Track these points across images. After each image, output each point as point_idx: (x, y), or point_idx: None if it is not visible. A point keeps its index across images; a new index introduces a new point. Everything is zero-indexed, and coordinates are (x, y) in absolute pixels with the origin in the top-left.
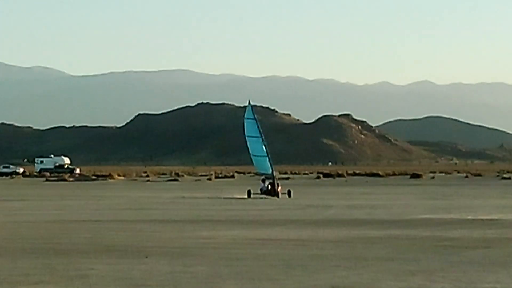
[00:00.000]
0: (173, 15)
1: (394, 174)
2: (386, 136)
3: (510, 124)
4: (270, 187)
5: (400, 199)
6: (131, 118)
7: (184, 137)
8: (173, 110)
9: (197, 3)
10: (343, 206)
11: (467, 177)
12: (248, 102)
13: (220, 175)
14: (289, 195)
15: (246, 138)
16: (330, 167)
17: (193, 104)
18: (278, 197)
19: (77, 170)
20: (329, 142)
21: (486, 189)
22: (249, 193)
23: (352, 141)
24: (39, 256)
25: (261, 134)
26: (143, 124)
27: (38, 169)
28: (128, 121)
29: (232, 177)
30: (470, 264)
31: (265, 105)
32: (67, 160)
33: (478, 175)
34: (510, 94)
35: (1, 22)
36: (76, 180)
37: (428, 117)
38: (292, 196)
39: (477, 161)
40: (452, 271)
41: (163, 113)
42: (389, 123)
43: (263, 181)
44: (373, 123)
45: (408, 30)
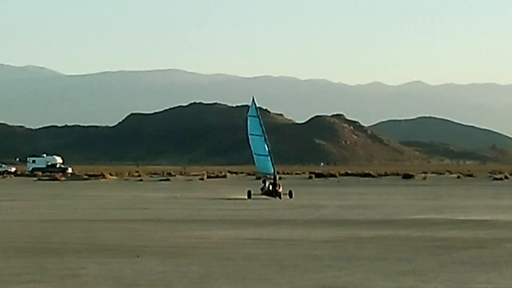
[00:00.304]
0: (166, 15)
1: (386, 174)
2: (378, 136)
3: (502, 125)
4: (271, 187)
5: (392, 199)
6: (123, 118)
7: (177, 137)
8: (166, 110)
9: (190, 3)
10: (335, 206)
11: (459, 177)
12: (252, 99)
13: (212, 175)
14: (291, 195)
15: (248, 136)
16: (322, 167)
17: (185, 104)
18: (280, 197)
19: (69, 170)
20: (321, 142)
21: (478, 189)
22: (249, 193)
23: (345, 141)
24: (31, 256)
25: (264, 133)
26: (135, 124)
27: (30, 169)
28: (120, 120)
29: (224, 176)
30: (462, 264)
31: (257, 105)
32: (59, 160)
33: (470, 175)
34: (502, 94)
35: None
36: (68, 179)
37: (420, 118)
38: (294, 196)
39: (469, 162)
40: (444, 272)
41: (156, 113)
42: (381, 123)
43: (264, 181)
44: (365, 123)
45: (401, 30)
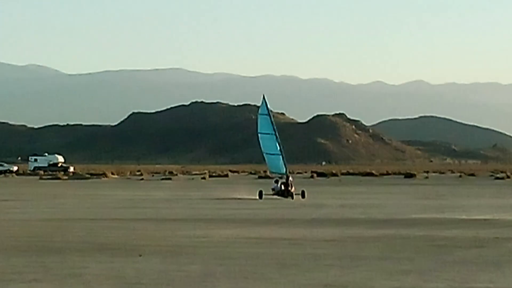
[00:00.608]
0: (167, 14)
1: (388, 173)
2: (380, 135)
3: (504, 124)
4: (283, 187)
5: (394, 198)
6: (125, 117)
7: (178, 136)
8: (167, 109)
9: (192, 2)
10: (337, 205)
11: (460, 177)
12: (263, 97)
13: (214, 174)
14: (303, 195)
15: (258, 135)
16: (324, 167)
17: (187, 103)
18: (292, 198)
19: (71, 169)
20: (323, 141)
21: (480, 189)
22: (260, 194)
23: (346, 141)
24: (33, 255)
25: (275, 131)
26: (137, 123)
27: (32, 168)
28: (122, 119)
29: (226, 176)
30: (464, 263)
31: (259, 104)
32: (61, 159)
33: (471, 175)
34: (504, 94)
35: None
36: (70, 178)
37: (422, 117)
38: (306, 197)
39: (470, 161)
40: (446, 271)
41: (157, 112)
42: (383, 122)
43: (276, 181)
44: (367, 122)
45: (403, 29)
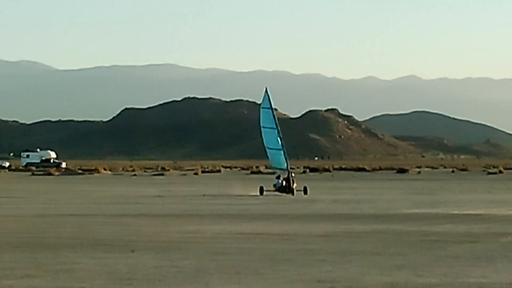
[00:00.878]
0: (160, 10)
1: (380, 169)
2: (373, 131)
3: (496, 119)
4: (284, 183)
5: (386, 193)
6: (117, 113)
7: (171, 132)
8: (160, 105)
9: None
10: (329, 200)
11: (453, 172)
12: (265, 90)
13: (206, 170)
14: (305, 192)
15: (261, 129)
16: (316, 162)
17: (179, 99)
18: (293, 194)
19: (63, 164)
20: (315, 136)
21: (472, 184)
22: (261, 190)
23: (339, 136)
24: (25, 250)
25: (277, 125)
26: (129, 119)
27: (24, 163)
28: (114, 115)
29: (218, 171)
30: (456, 258)
31: (251, 99)
32: (53, 154)
33: (464, 170)
34: (496, 89)
35: None
36: (62, 174)
37: (414, 112)
38: (309, 193)
39: (463, 156)
40: (438, 266)
41: (150, 108)
42: (375, 118)
43: (278, 177)
44: (359, 117)
45: (395, 25)
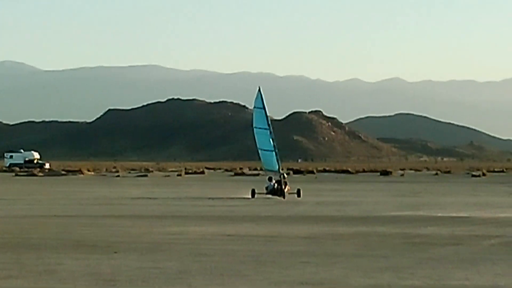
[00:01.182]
0: (144, 11)
1: (364, 171)
2: (356, 133)
3: (480, 122)
4: (276, 186)
5: (370, 196)
6: (101, 113)
7: (155, 133)
8: (144, 106)
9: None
10: (313, 202)
11: (436, 174)
12: (258, 89)
13: (190, 171)
14: (299, 194)
15: (253, 129)
16: (300, 164)
17: (163, 100)
18: (284, 197)
19: (47, 165)
20: (299, 138)
21: (456, 186)
22: (253, 192)
23: (323, 138)
24: (8, 251)
25: (269, 126)
26: (113, 120)
27: (8, 164)
28: (98, 116)
29: (202, 173)
30: (439, 261)
31: (235, 101)
32: (36, 155)
33: (447, 172)
34: (480, 91)
35: None
36: (46, 175)
37: (398, 114)
38: (302, 196)
39: (446, 159)
40: (421, 268)
41: (134, 109)
42: (359, 120)
43: (270, 179)
44: (343, 119)
45: (379, 27)
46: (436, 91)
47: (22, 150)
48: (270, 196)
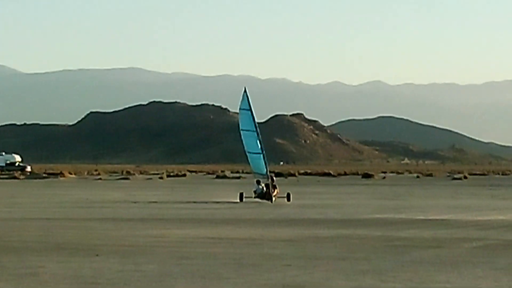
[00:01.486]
0: (126, 13)
1: (345, 173)
2: (338, 135)
3: (461, 125)
4: (265, 189)
5: (352, 198)
6: (83, 116)
7: (136, 136)
8: (125, 109)
9: (150, 2)
10: (295, 205)
11: (418, 177)
12: (244, 90)
13: (171, 174)
14: (288, 198)
15: (240, 132)
16: (281, 167)
17: (145, 103)
18: (271, 201)
19: (28, 168)
20: (281, 141)
21: (437, 189)
22: (241, 196)
23: (304, 141)
24: None
25: (256, 128)
26: (95, 122)
27: None
28: (80, 119)
29: (183, 175)
30: (421, 264)
31: (217, 104)
32: (18, 158)
33: (429, 175)
34: (462, 94)
35: None
36: (27, 178)
37: (380, 117)
38: (291, 200)
39: (428, 161)
40: (403, 271)
41: (115, 111)
42: (341, 122)
43: (258, 182)
44: (325, 122)
45: (361, 30)
46: (417, 94)
47: (3, 153)
48: (258, 200)
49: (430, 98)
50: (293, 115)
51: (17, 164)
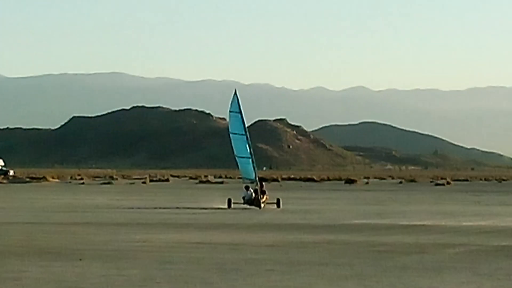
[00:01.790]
0: (108, 18)
1: (328, 179)
2: (321, 141)
3: (444, 131)
4: (254, 195)
5: (334, 204)
6: (66, 121)
7: (119, 140)
8: (108, 113)
9: (132, 6)
10: (277, 210)
11: (401, 183)
12: (234, 92)
13: (154, 179)
14: (278, 205)
15: (229, 135)
16: (264, 172)
17: (128, 107)
18: (259, 207)
19: (11, 172)
20: (264, 146)
21: (420, 195)
22: (229, 202)
23: (287, 146)
24: None
25: (245, 131)
26: (77, 127)
27: None
28: (63, 123)
29: (167, 180)
30: (404, 269)
31: (200, 109)
32: (1, 162)
33: (412, 181)
34: (444, 100)
35: None
36: (10, 182)
37: (363, 123)
38: (281, 206)
39: (411, 167)
40: (386, 276)
41: (98, 116)
42: (324, 128)
43: (247, 187)
44: (308, 128)
45: (343, 35)
46: (400, 100)
47: None
48: (247, 206)
49: (413, 104)
50: (276, 120)
51: (0, 168)
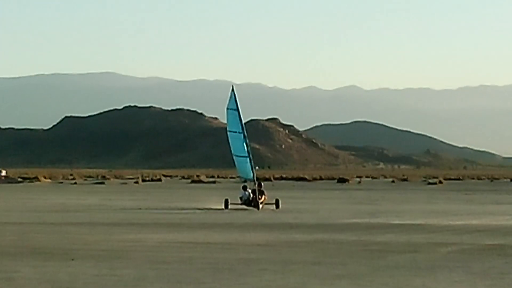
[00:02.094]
0: (100, 18)
1: (321, 178)
2: (313, 140)
3: (436, 130)
4: (252, 195)
5: (327, 203)
6: (58, 121)
7: (111, 140)
8: (100, 113)
9: (124, 6)
10: (270, 210)
11: (393, 182)
12: (232, 89)
13: (147, 178)
14: (277, 205)
15: (227, 133)
16: (257, 171)
17: (120, 107)
18: (258, 208)
19: (3, 173)
20: (256, 146)
21: (412, 194)
22: (226, 203)
23: (280, 145)
24: None
25: (243, 129)
26: (70, 127)
27: None
28: (55, 123)
29: (159, 180)
30: (397, 268)
31: (192, 108)
32: None
33: (404, 180)
34: (436, 99)
35: None
36: (2, 182)
37: (355, 122)
38: (281, 206)
39: (403, 166)
40: (379, 275)
41: (90, 116)
42: (316, 127)
43: (244, 188)
44: (300, 127)
45: (336, 35)
46: (392, 99)
47: None
48: (245, 207)
49: (405, 103)
50: (268, 119)
51: None
